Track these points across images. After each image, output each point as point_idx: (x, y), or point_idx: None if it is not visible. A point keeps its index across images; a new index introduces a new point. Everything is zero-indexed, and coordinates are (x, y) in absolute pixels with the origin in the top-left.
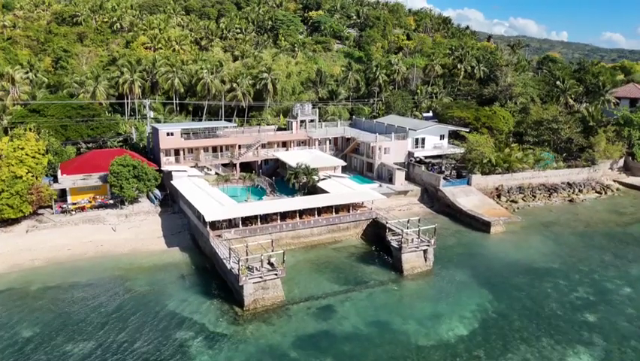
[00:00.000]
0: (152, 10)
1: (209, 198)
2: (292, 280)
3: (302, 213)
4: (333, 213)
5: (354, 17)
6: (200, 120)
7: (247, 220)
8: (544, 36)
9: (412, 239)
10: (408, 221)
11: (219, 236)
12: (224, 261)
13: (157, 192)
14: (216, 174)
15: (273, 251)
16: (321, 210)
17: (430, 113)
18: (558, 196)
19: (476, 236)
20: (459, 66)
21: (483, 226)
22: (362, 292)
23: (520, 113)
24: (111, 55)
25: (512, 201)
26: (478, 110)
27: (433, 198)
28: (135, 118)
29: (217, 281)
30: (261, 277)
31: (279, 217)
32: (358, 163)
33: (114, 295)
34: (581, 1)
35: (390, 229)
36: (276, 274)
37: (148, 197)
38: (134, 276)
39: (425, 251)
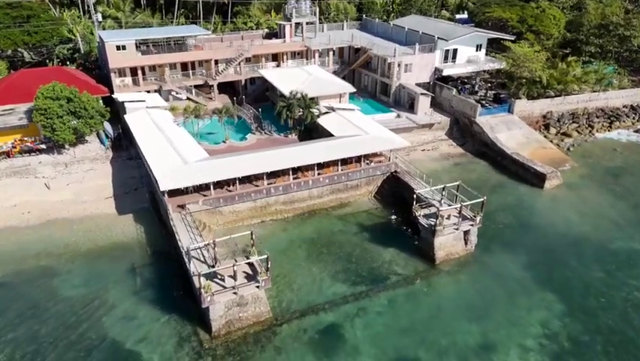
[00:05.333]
0: None
1: (169, 147)
2: (283, 276)
3: (296, 169)
4: (339, 167)
5: None
6: (173, 21)
7: (222, 181)
8: None
9: (450, 215)
10: (443, 189)
11: (182, 207)
12: (186, 259)
13: (109, 128)
14: (188, 99)
15: (253, 246)
16: (322, 164)
17: (466, 15)
18: (621, 125)
19: (525, 193)
20: None
21: (535, 178)
22: (379, 297)
23: (571, 10)
24: None
25: (564, 133)
26: (524, 9)
27: (465, 133)
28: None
29: (180, 278)
30: (235, 293)
31: (265, 176)
32: (370, 82)
33: (31, 308)
34: None
35: (418, 199)
36: (257, 286)
37: (98, 136)
38: (66, 268)
39: (467, 232)
